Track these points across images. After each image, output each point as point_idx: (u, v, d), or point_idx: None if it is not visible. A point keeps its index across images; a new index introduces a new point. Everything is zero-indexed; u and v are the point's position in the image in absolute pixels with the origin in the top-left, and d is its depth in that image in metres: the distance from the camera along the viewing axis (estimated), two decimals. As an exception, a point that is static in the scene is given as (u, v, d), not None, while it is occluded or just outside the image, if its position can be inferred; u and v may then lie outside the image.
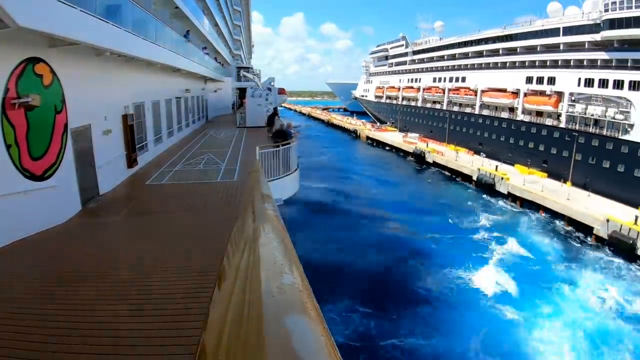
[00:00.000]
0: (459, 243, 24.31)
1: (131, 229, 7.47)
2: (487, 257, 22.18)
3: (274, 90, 25.44)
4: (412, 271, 20.54)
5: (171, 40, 15.01)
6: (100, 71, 9.52)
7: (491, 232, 25.88)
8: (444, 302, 17.87)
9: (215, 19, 30.70)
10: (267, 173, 9.52)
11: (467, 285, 19.22)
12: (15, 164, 6.20)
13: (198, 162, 13.29)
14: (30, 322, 3.75)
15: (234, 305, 1.21)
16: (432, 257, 22.32)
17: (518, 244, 23.66)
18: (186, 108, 20.58)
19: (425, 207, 31.59)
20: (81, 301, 4.24)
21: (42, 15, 5.80)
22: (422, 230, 26.07)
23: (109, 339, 3.45)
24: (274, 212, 2.37)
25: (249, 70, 41.62)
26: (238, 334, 0.98)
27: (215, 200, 9.02)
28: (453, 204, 31.86)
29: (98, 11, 7.85)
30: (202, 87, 27.05)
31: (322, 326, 0.88)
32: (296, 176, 12.25)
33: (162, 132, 15.47)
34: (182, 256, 5.57)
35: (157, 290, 4.50)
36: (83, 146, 8.50)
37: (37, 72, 6.67)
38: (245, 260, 1.63)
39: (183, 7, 17.75)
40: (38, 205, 6.78)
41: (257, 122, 23.05)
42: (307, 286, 1.11)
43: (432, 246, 23.86)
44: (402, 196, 35.09)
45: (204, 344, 1.21)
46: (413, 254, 22.38)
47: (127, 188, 10.32)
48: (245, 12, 56.70)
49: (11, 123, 6.04)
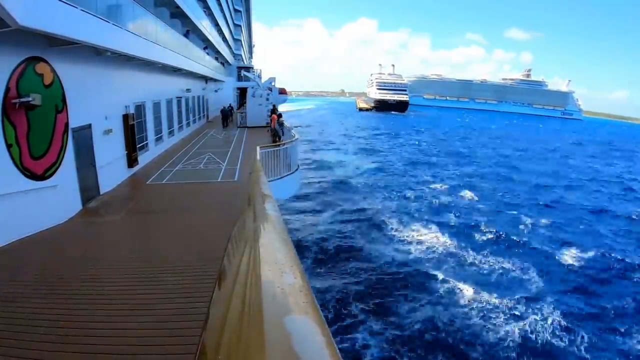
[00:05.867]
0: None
1: (131, 229, 7.47)
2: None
3: (275, 90, 25.44)
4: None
5: (172, 39, 15.02)
6: (101, 71, 9.52)
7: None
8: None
9: (216, 18, 30.70)
10: (268, 173, 9.52)
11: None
12: (16, 163, 6.21)
13: (199, 162, 13.29)
14: (30, 322, 3.75)
15: (234, 305, 1.20)
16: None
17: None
18: (187, 108, 20.58)
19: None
20: (81, 301, 4.24)
21: (42, 15, 5.80)
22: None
23: (109, 339, 3.45)
24: (274, 212, 2.37)
25: (249, 70, 41.62)
26: (238, 334, 0.98)
27: (216, 200, 9.02)
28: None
29: (99, 11, 7.86)
30: (203, 87, 27.05)
31: (322, 326, 0.87)
32: (297, 176, 12.25)
33: (162, 132, 15.47)
34: (182, 256, 5.57)
35: (157, 289, 4.50)
36: (84, 146, 8.50)
37: (37, 72, 6.67)
38: (246, 260, 1.63)
39: (184, 6, 17.75)
40: (39, 204, 6.79)
41: (257, 121, 23.10)
42: (308, 286, 1.11)
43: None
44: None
45: (204, 344, 1.21)
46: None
47: (128, 188, 10.32)
48: (245, 12, 56.67)
49: (12, 123, 6.05)
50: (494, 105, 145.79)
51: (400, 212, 18.82)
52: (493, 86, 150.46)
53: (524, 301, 11.00)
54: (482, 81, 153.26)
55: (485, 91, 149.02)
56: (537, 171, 31.98)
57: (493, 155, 40.25)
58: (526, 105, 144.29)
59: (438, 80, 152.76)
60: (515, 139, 60.25)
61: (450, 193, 23.13)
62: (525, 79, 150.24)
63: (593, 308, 11.19)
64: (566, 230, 17.64)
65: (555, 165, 36.26)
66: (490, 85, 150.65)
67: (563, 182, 28.80)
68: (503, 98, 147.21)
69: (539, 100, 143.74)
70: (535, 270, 13.08)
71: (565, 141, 63.39)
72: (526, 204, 21.59)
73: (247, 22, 62.99)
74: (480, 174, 29.40)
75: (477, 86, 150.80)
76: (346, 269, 12.81)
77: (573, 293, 12.07)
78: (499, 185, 25.96)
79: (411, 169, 30.58)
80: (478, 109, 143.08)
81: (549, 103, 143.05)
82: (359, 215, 18.22)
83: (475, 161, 35.91)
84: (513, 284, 12.29)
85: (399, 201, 21.03)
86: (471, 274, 12.84)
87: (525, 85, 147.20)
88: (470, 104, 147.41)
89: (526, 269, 13.25)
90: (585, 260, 14.41)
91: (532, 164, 36.29)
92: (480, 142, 52.68)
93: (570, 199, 23.61)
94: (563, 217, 19.50)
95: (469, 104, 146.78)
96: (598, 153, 50.55)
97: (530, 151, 46.49)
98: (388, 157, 36.13)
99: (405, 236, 15.88)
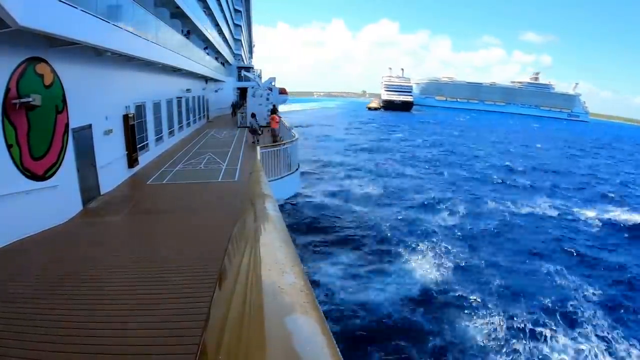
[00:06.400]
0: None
1: (132, 229, 7.48)
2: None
3: (275, 91, 25.46)
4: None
5: (172, 39, 15.02)
6: (101, 71, 9.52)
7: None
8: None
9: (216, 18, 30.71)
10: (268, 173, 9.52)
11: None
12: (17, 163, 6.21)
13: (199, 162, 13.30)
14: (31, 323, 3.75)
15: (235, 305, 1.20)
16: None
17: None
18: (187, 108, 20.59)
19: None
20: (81, 301, 4.24)
21: (42, 15, 5.80)
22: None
23: (109, 339, 3.45)
24: (275, 212, 2.37)
25: (249, 70, 41.62)
26: (239, 334, 0.98)
27: (216, 200, 9.02)
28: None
29: (99, 11, 7.86)
30: (203, 87, 27.06)
31: (323, 326, 0.87)
32: (297, 176, 12.26)
33: (163, 132, 15.48)
34: (183, 256, 5.57)
35: (157, 290, 4.50)
36: (84, 146, 8.50)
37: (38, 72, 6.68)
38: (246, 260, 1.63)
39: (184, 6, 17.76)
40: (39, 205, 6.79)
41: (258, 121, 23.10)
42: (309, 286, 1.11)
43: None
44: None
45: (205, 344, 1.21)
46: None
47: (128, 188, 10.33)
48: (246, 12, 56.68)
49: (12, 123, 6.05)
50: (502, 107, 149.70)
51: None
52: (501, 89, 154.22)
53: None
54: (491, 84, 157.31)
55: (494, 93, 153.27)
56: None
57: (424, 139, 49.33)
58: (533, 107, 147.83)
59: (449, 82, 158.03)
60: (475, 129, 69.53)
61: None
62: (533, 82, 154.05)
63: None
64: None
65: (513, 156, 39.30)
66: (499, 88, 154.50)
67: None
68: (511, 100, 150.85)
69: (545, 103, 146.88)
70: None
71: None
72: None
73: (247, 22, 63.01)
74: (411, 150, 39.09)
75: (486, 88, 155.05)
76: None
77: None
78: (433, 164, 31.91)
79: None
80: (486, 110, 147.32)
81: (556, 105, 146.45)
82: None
83: (408, 139, 49.28)
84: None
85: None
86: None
87: (533, 88, 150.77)
88: (479, 105, 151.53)
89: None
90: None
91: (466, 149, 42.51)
92: (438, 130, 64.23)
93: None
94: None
95: (478, 106, 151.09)
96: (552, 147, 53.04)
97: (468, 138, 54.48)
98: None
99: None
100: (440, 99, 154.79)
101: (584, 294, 11.21)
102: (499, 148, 45.32)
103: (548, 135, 71.43)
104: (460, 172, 28.66)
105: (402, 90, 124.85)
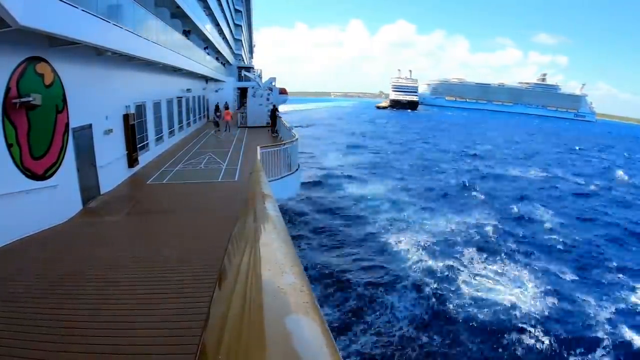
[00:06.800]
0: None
1: (132, 229, 7.48)
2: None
3: (275, 91, 25.49)
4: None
5: (173, 39, 15.02)
6: (101, 71, 9.52)
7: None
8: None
9: (217, 18, 30.71)
10: (268, 173, 9.52)
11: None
12: (17, 163, 6.21)
13: (199, 162, 13.30)
14: (31, 322, 3.75)
15: (235, 305, 1.20)
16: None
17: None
18: (187, 108, 20.59)
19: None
20: (81, 301, 4.24)
21: (43, 15, 5.80)
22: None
23: (109, 339, 3.45)
24: (274, 212, 2.37)
25: (250, 70, 41.63)
26: (238, 333, 0.98)
27: (216, 200, 9.02)
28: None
29: (99, 11, 7.86)
30: (204, 87, 27.07)
31: (323, 327, 0.87)
32: (297, 176, 12.26)
33: (163, 132, 15.48)
34: (183, 256, 5.57)
35: (157, 289, 4.50)
36: (84, 146, 8.50)
37: (38, 72, 6.68)
38: (246, 260, 1.63)
39: (184, 6, 17.76)
40: (39, 204, 6.79)
41: (258, 121, 23.15)
42: (308, 286, 1.11)
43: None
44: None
45: (204, 344, 1.21)
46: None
47: (128, 188, 10.33)
48: (246, 12, 56.66)
49: (12, 122, 6.05)
50: (509, 107, 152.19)
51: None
52: (509, 89, 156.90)
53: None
54: (499, 84, 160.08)
55: (502, 94, 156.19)
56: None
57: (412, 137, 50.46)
58: (540, 107, 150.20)
59: (458, 83, 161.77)
60: (454, 124, 74.28)
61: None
62: (541, 82, 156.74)
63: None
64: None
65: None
66: (507, 89, 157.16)
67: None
68: (518, 100, 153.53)
69: (552, 103, 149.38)
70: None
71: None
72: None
73: (248, 22, 62.98)
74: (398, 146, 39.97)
75: (495, 89, 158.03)
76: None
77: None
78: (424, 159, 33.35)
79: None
80: (494, 110, 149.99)
81: (563, 105, 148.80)
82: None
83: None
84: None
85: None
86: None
87: (540, 89, 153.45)
88: (488, 105, 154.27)
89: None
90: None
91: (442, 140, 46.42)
92: (430, 126, 68.42)
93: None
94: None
95: (486, 106, 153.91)
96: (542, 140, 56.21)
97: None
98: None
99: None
100: (450, 99, 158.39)
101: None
102: (472, 139, 49.12)
103: (547, 132, 74.05)
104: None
105: (409, 90, 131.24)
